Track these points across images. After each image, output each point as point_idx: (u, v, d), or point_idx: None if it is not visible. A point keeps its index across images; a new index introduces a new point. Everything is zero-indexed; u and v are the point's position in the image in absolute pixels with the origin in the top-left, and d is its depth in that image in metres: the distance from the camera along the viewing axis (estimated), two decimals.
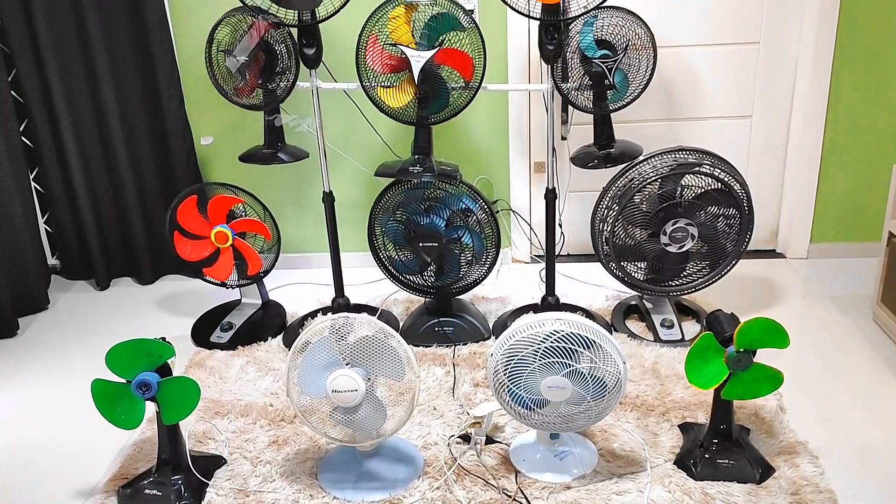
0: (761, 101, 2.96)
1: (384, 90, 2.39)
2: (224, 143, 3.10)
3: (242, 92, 2.46)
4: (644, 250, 2.47)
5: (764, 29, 2.86)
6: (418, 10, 2.31)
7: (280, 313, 2.82)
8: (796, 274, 2.99)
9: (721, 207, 2.43)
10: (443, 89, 2.36)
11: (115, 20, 2.84)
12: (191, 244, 2.60)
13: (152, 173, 3.07)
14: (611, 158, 2.47)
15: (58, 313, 2.98)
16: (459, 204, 2.53)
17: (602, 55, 2.31)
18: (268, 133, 2.57)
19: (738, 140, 3.02)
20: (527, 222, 3.17)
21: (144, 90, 2.95)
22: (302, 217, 3.21)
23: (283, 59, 2.44)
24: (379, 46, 2.34)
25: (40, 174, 3.07)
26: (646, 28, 2.31)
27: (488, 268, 2.60)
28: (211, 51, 2.44)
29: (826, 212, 3.04)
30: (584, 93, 2.40)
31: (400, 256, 2.60)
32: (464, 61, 2.34)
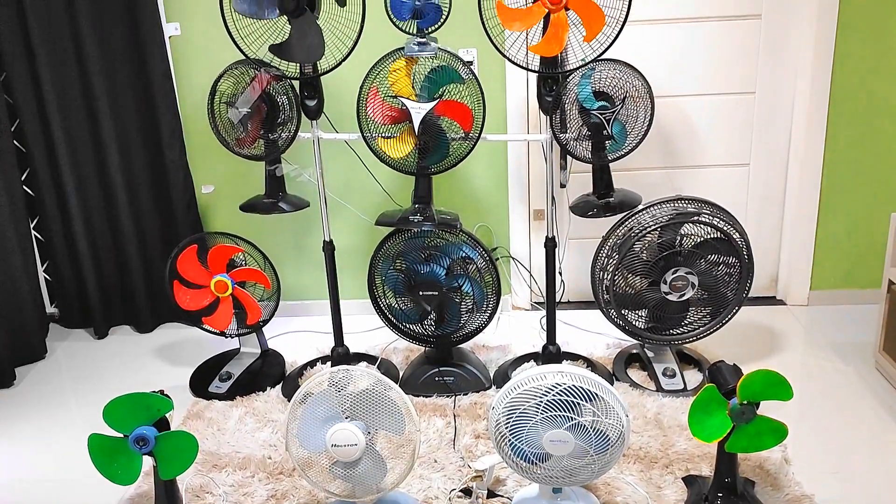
0: (758, 150, 2.99)
1: (385, 141, 2.42)
2: (225, 192, 3.12)
3: (244, 143, 2.48)
4: (644, 299, 2.47)
5: (759, 79, 2.89)
6: (418, 63, 2.35)
7: (279, 362, 2.80)
8: (797, 321, 2.98)
9: (721, 256, 2.44)
10: (443, 140, 2.38)
11: (119, 70, 2.88)
12: (190, 293, 2.59)
13: (153, 221, 3.08)
14: (610, 207, 2.49)
15: (55, 363, 2.96)
16: (459, 252, 2.53)
17: (600, 107, 2.34)
18: (269, 183, 2.59)
19: (737, 188, 3.04)
20: (527, 269, 3.17)
21: (146, 139, 2.98)
22: (302, 265, 3.22)
23: (285, 110, 2.46)
24: (380, 98, 2.37)
25: (41, 223, 3.07)
26: (643, 80, 2.34)
27: (489, 316, 2.59)
28: (213, 102, 2.47)
29: (825, 259, 3.04)
30: (582, 143, 2.42)
31: (400, 305, 2.60)
32: (463, 113, 2.36)
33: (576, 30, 2.24)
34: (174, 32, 2.92)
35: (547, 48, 2.25)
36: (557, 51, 2.25)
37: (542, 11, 2.22)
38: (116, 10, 2.81)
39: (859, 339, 2.78)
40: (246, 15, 2.27)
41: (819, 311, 3.04)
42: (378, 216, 2.53)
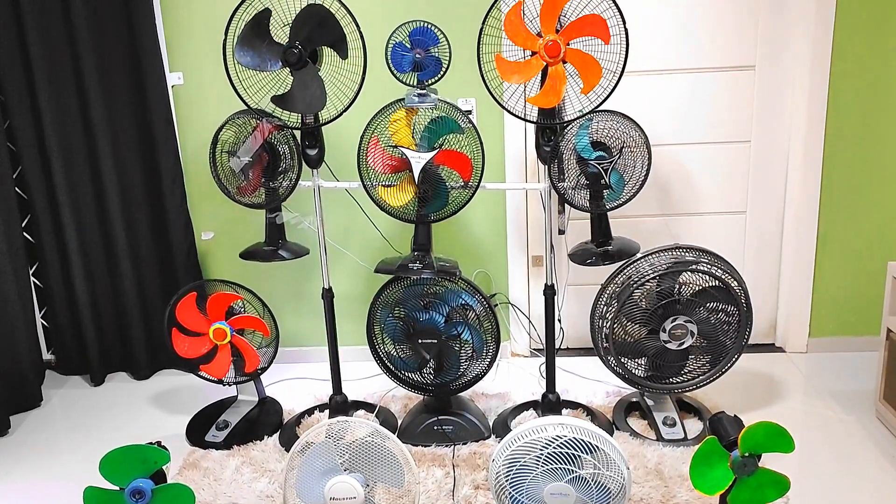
0: (755, 198, 3.01)
1: (385, 189, 2.44)
2: (224, 238, 3.13)
3: (245, 191, 2.50)
4: (644, 347, 2.47)
5: (754, 128, 2.93)
6: (418, 113, 2.38)
7: (277, 410, 2.78)
8: (797, 369, 2.97)
9: (719, 305, 2.44)
10: (442, 189, 2.41)
11: (122, 118, 2.91)
12: (189, 341, 2.58)
13: (152, 268, 3.08)
14: (608, 256, 2.50)
15: (51, 411, 2.94)
16: (458, 300, 2.53)
17: (598, 157, 2.37)
18: (269, 230, 2.60)
19: (734, 235, 3.06)
20: (525, 316, 3.17)
21: (148, 186, 3.00)
22: (300, 311, 3.21)
23: (286, 159, 2.49)
24: (380, 148, 2.40)
25: (40, 269, 3.08)
26: (640, 130, 2.37)
27: (488, 364, 2.58)
28: (215, 151, 2.49)
29: (824, 306, 3.05)
30: (580, 192, 2.44)
31: (398, 353, 2.59)
32: (462, 162, 2.39)
33: (573, 82, 2.28)
34: (177, 82, 2.96)
35: (545, 100, 2.29)
36: (555, 102, 2.29)
37: (540, 64, 2.26)
38: (121, 58, 2.86)
39: (859, 388, 2.77)
40: (249, 67, 2.30)
41: (818, 359, 3.04)
42: (377, 263, 2.54)
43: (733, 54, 2.87)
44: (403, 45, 2.31)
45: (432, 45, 2.30)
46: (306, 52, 2.28)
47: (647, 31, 2.86)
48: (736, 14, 2.83)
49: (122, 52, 2.85)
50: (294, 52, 2.27)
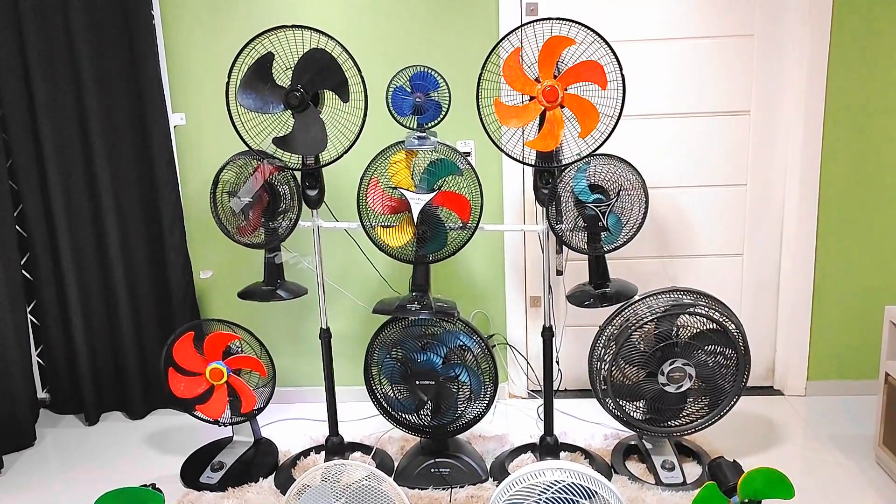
0: (751, 241, 3.03)
1: (384, 230, 2.45)
2: (223, 277, 3.14)
3: (245, 231, 2.52)
4: (642, 390, 2.46)
5: (750, 171, 2.97)
6: (418, 155, 2.40)
7: (272, 451, 2.76)
8: (795, 413, 2.96)
9: (717, 347, 2.44)
10: (441, 230, 2.42)
11: (124, 156, 2.94)
12: (185, 381, 2.57)
13: (150, 306, 3.08)
14: (606, 298, 2.51)
15: (44, 450, 2.91)
16: (456, 341, 2.53)
17: (595, 199, 2.39)
18: (268, 270, 2.61)
19: (731, 277, 3.07)
20: (523, 357, 3.17)
21: (148, 225, 3.02)
22: (297, 350, 3.20)
23: (286, 199, 2.51)
24: (380, 189, 2.42)
25: (37, 307, 3.07)
26: (637, 174, 2.39)
27: (486, 406, 2.57)
28: (216, 191, 2.51)
29: (822, 349, 3.05)
30: (578, 234, 2.46)
31: (396, 394, 2.58)
32: (461, 203, 2.41)
33: (571, 125, 2.31)
34: (179, 122, 2.99)
35: (543, 143, 2.32)
36: (553, 146, 2.32)
37: (538, 109, 2.29)
38: (124, 98, 2.89)
39: (859, 432, 2.75)
40: (251, 109, 2.34)
41: (817, 402, 3.03)
42: (375, 304, 2.54)
43: (729, 99, 2.91)
44: (404, 89, 2.34)
45: (432, 90, 2.34)
46: (308, 96, 2.31)
47: (643, 75, 2.91)
48: (731, 60, 2.88)
49: (126, 92, 2.89)
50: (296, 95, 2.30)
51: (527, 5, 2.88)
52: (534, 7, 2.88)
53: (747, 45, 2.87)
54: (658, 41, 2.88)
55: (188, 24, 2.91)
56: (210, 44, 2.93)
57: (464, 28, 2.88)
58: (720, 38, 2.87)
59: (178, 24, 2.91)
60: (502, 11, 2.85)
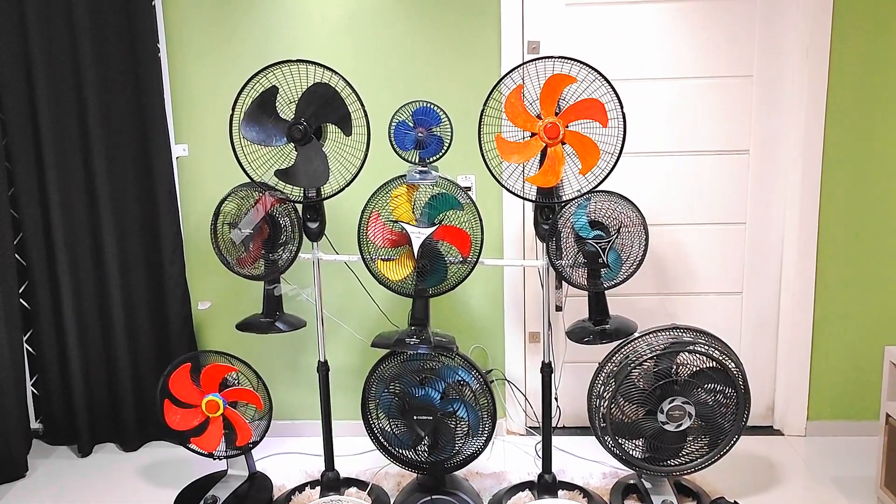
0: (750, 279, 3.04)
1: (384, 263, 2.45)
2: (221, 308, 3.13)
3: (245, 262, 2.52)
4: (641, 428, 2.44)
5: (749, 209, 2.98)
6: (419, 189, 2.42)
7: (267, 486, 2.72)
8: (795, 453, 2.93)
9: (717, 386, 2.43)
10: (441, 264, 2.42)
11: (126, 188, 2.95)
12: (181, 413, 2.55)
13: (147, 337, 3.07)
14: (606, 334, 2.50)
15: (36, 482, 2.87)
16: (455, 376, 2.51)
17: (595, 235, 2.39)
18: (267, 302, 2.60)
19: (730, 316, 3.07)
20: (522, 393, 3.14)
21: (147, 255, 3.02)
22: (294, 383, 3.18)
23: (287, 231, 2.51)
24: (381, 222, 2.43)
25: (34, 336, 3.06)
26: (637, 211, 2.40)
27: (484, 442, 2.54)
28: (217, 223, 2.52)
29: (821, 389, 3.03)
30: (578, 270, 2.46)
31: (393, 429, 2.55)
32: (462, 238, 2.41)
33: (571, 162, 2.33)
34: (182, 153, 3.01)
35: (544, 179, 2.33)
36: (554, 182, 2.33)
37: (540, 145, 2.31)
38: (129, 130, 2.91)
39: (860, 474, 2.73)
40: (254, 142, 2.35)
41: (817, 443, 3.00)
42: (374, 337, 2.53)
43: (728, 138, 2.94)
44: (406, 123, 2.36)
45: (435, 125, 2.36)
46: (311, 129, 2.33)
47: (643, 113, 2.93)
48: (730, 100, 2.91)
49: (130, 122, 2.91)
50: (299, 128, 2.32)
51: (528, 43, 2.92)
52: (535, 45, 2.92)
53: (747, 85, 2.90)
54: (658, 80, 2.92)
55: (193, 56, 2.94)
56: (214, 76, 2.96)
57: (466, 64, 2.91)
58: (720, 79, 2.91)
59: (183, 56, 2.95)
60: (504, 48, 2.89)
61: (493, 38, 2.89)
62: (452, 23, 2.89)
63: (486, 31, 2.89)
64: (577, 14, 2.89)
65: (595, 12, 2.89)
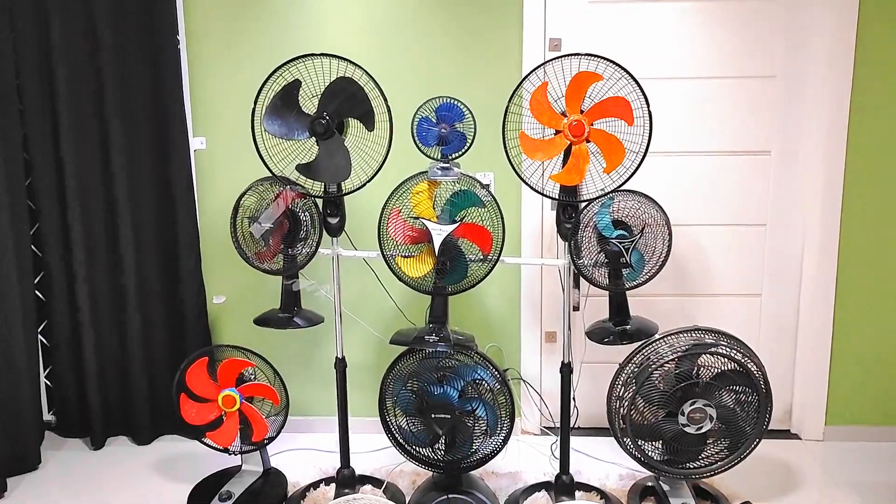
0: (770, 281, 3.01)
1: (404, 260, 2.43)
2: (236, 303, 3.11)
3: (264, 257, 2.50)
4: (661, 430, 2.42)
5: (770, 210, 2.95)
6: (441, 186, 2.39)
7: (281, 482, 2.71)
8: (813, 457, 2.91)
9: (739, 388, 2.41)
10: (461, 261, 2.40)
11: (143, 180, 2.93)
12: (197, 407, 2.54)
13: (161, 330, 3.05)
14: (626, 335, 2.48)
15: (48, 474, 2.85)
16: (474, 375, 2.49)
17: (619, 235, 2.37)
18: (285, 297, 2.59)
19: (749, 317, 3.04)
20: (537, 392, 3.12)
21: (164, 248, 3.00)
22: (309, 379, 3.16)
23: (307, 226, 2.49)
24: (402, 219, 2.41)
25: (48, 328, 3.04)
26: (660, 211, 2.38)
27: (502, 441, 2.52)
28: (236, 217, 2.50)
29: (840, 393, 3.00)
30: (599, 269, 2.44)
31: (410, 427, 2.54)
32: (483, 235, 2.39)
33: (595, 160, 2.30)
34: (199, 146, 2.99)
35: (568, 178, 2.31)
36: (578, 181, 2.31)
37: (564, 143, 2.29)
38: (147, 122, 2.90)
39: (880, 479, 2.70)
40: (276, 136, 2.33)
41: (835, 448, 2.98)
42: (392, 335, 2.51)
43: (749, 139, 2.91)
44: (429, 119, 2.34)
45: (458, 121, 2.34)
46: (334, 123, 2.31)
47: (664, 112, 2.91)
48: (752, 100, 2.88)
49: (148, 114, 2.89)
50: (322, 122, 2.30)
51: (549, 40, 2.89)
52: (557, 42, 2.90)
53: (769, 86, 2.88)
54: (679, 79, 2.89)
55: (213, 49, 2.93)
56: (234, 69, 2.94)
57: (486, 61, 2.89)
58: (742, 79, 2.88)
59: (202, 48, 2.93)
60: (526, 45, 2.86)
61: (515, 35, 2.87)
62: (473, 19, 2.87)
63: (507, 28, 2.86)
64: (599, 12, 2.87)
65: (617, 10, 2.86)
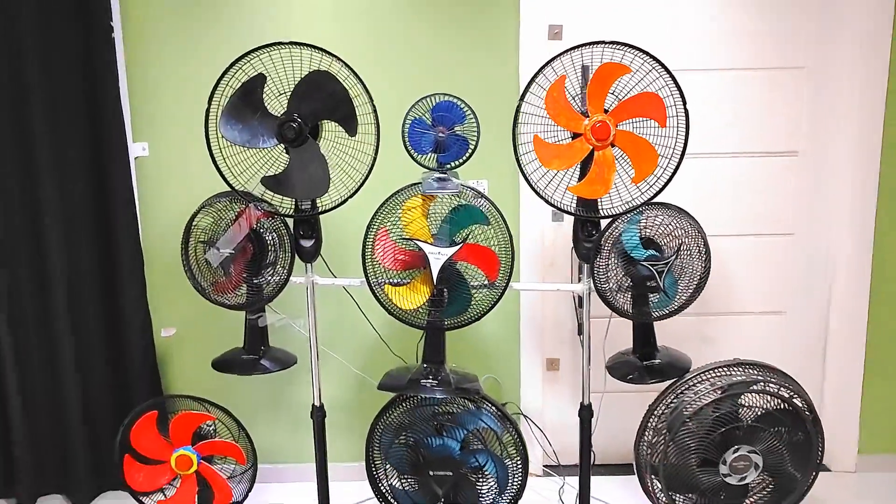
0: (796, 296, 2.70)
1: (393, 289, 2.04)
2: (188, 335, 2.67)
3: (224, 288, 2.08)
4: (699, 482, 2.08)
5: (796, 219, 2.64)
6: (437, 200, 2.01)
7: None
8: (847, 490, 2.62)
9: (785, 429, 2.08)
10: (463, 290, 2.03)
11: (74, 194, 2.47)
12: (145, 471, 2.11)
13: (101, 371, 2.59)
14: (655, 372, 2.13)
15: None
16: (478, 423, 2.12)
17: (649, 256, 2.01)
18: (249, 334, 2.17)
19: (772, 337, 2.73)
20: (539, 429, 2.75)
21: (101, 275, 2.54)
22: (277, 421, 2.73)
23: (275, 250, 2.08)
24: (391, 240, 2.01)
25: None
26: (696, 226, 2.03)
27: (512, 500, 2.15)
28: (188, 241, 2.07)
29: (874, 421, 2.71)
30: (622, 295, 2.08)
31: (404, 486, 2.15)
32: (488, 259, 2.02)
33: (620, 168, 1.95)
34: (141, 153, 2.54)
35: (590, 190, 1.95)
36: (603, 192, 1.95)
37: (585, 148, 1.92)
38: (77, 124, 2.43)
39: None
40: (236, 142, 1.91)
41: (869, 479, 2.68)
42: (381, 378, 2.12)
43: (774, 138, 2.59)
44: (423, 121, 1.95)
45: (458, 123, 1.95)
46: (307, 127, 1.90)
47: None
48: (777, 94, 2.57)
49: (79, 115, 2.43)
50: (293, 126, 1.89)
51: (549, 27, 2.52)
52: (558, 29, 2.53)
53: (796, 78, 2.56)
54: (694, 71, 2.55)
55: (156, 37, 2.48)
56: (183, 61, 2.49)
57: (476, 51, 2.50)
58: (765, 70, 2.56)
59: (143, 36, 2.48)
60: (523, 33, 2.49)
61: (510, 23, 2.49)
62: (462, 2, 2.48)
63: (501, 14, 2.48)
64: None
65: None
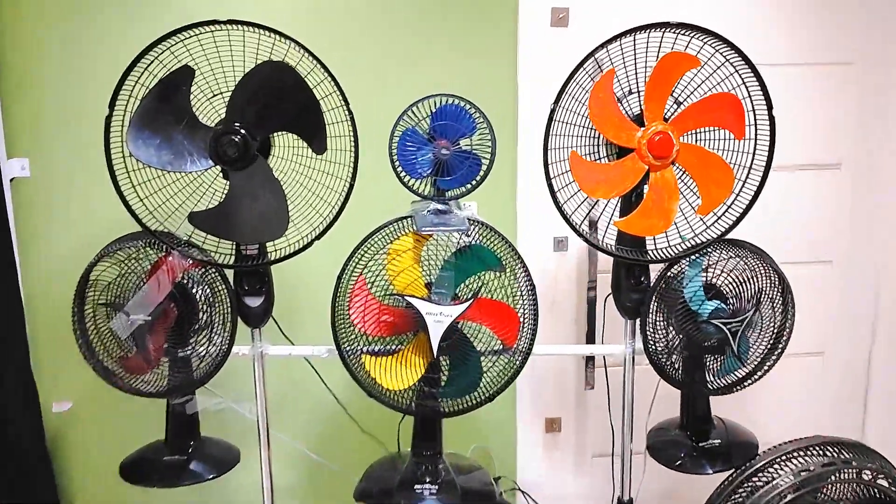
0: (836, 335, 2.30)
1: (374, 360, 1.50)
2: (87, 407, 2.04)
3: (137, 367, 1.48)
4: None
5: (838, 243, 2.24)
6: (433, 239, 1.47)
7: None
8: None
9: None
10: (472, 359, 1.50)
11: None
12: None
13: None
14: (714, 456, 1.65)
15: None
16: None
17: (716, 310, 1.53)
18: (173, 424, 1.58)
19: (806, 382, 2.32)
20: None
21: None
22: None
23: (207, 312, 1.50)
24: (371, 295, 1.47)
25: None
26: (776, 271, 1.56)
27: None
28: (83, 301, 1.47)
29: None
30: (670, 357, 1.60)
31: None
32: (505, 316, 1.50)
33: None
34: (20, 173, 1.91)
35: (645, 224, 1.45)
36: (663, 228, 1.46)
37: (640, 169, 1.42)
38: None
39: None
40: (151, 164, 1.33)
41: None
42: (361, 478, 1.58)
43: (813, 149, 2.19)
44: (418, 133, 1.41)
45: (467, 135, 1.42)
46: (255, 141, 1.33)
47: None
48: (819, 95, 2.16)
49: None
50: (234, 140, 1.32)
51: (552, 11, 2.02)
52: (563, 13, 2.03)
53: (843, 76, 2.15)
54: None
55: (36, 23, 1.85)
56: (77, 50, 1.87)
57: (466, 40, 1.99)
58: (805, 67, 2.13)
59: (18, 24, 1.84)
60: (522, 17, 1.99)
61: (506, 5, 1.99)
62: None
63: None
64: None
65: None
